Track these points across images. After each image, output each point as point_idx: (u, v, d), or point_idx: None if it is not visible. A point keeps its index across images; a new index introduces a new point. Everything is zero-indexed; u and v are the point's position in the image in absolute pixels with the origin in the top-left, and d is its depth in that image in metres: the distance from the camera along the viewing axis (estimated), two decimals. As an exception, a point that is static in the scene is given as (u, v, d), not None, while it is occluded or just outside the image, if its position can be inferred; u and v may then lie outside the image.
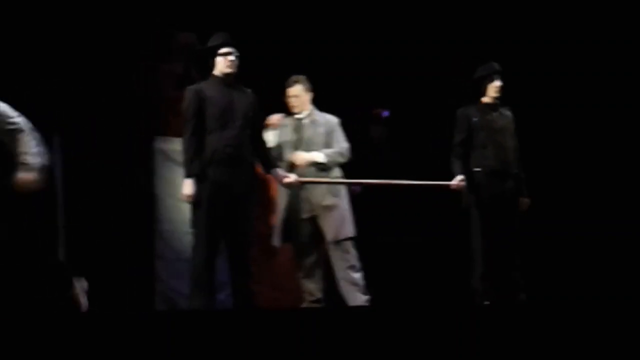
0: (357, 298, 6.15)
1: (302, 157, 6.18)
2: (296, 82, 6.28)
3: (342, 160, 6.27)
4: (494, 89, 6.58)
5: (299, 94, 6.27)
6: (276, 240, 6.27)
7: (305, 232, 6.21)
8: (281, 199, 6.23)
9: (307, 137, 6.23)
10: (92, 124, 6.73)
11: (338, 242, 6.18)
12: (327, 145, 6.25)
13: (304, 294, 6.23)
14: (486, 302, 6.33)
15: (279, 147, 6.24)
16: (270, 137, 6.23)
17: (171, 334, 4.51)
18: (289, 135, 6.26)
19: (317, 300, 6.18)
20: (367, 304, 6.14)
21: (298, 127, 6.26)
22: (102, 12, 6.78)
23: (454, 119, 6.60)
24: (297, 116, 6.28)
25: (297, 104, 6.28)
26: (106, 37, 6.79)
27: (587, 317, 4.96)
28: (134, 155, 6.84)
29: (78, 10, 6.71)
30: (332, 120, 6.34)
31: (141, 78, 6.99)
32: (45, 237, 6.35)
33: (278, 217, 6.24)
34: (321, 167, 6.20)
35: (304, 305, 6.21)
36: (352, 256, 6.21)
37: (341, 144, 6.28)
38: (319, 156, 6.19)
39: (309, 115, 6.28)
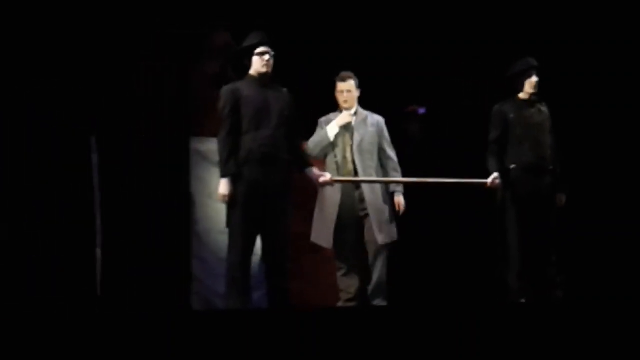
0: (381, 302, 6.16)
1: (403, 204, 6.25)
2: (349, 77, 6.26)
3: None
4: (530, 84, 6.54)
5: (351, 89, 6.27)
6: (325, 241, 6.20)
7: (354, 231, 6.18)
8: (332, 198, 6.18)
9: (359, 136, 6.22)
10: (129, 124, 6.78)
11: (385, 245, 6.17)
12: (378, 146, 6.26)
13: (341, 292, 6.22)
14: (522, 300, 6.30)
15: (333, 144, 6.23)
16: (333, 132, 6.20)
17: (207, 333, 4.54)
18: (339, 133, 6.24)
19: (353, 298, 6.17)
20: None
21: (348, 125, 6.25)
22: (137, 13, 6.81)
23: (489, 116, 6.57)
24: (347, 113, 6.27)
25: (349, 99, 6.25)
26: (140, 38, 6.83)
27: (623, 314, 4.93)
28: (170, 155, 6.88)
29: (116, 11, 6.75)
30: (381, 120, 6.35)
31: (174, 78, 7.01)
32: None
33: (327, 217, 6.18)
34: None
35: (340, 303, 6.20)
36: (386, 260, 6.21)
37: (392, 154, 6.31)
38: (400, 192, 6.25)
39: (357, 113, 6.28)
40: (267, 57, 5.83)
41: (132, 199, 6.66)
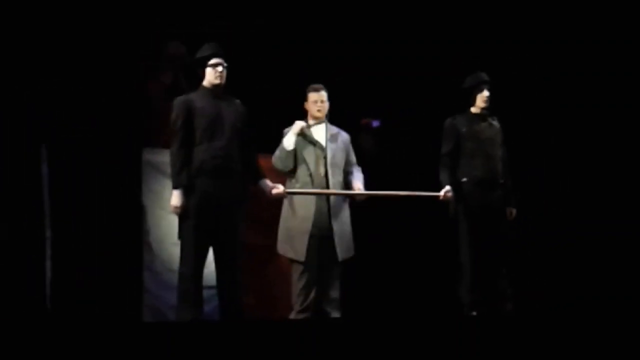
0: (336, 314, 6.14)
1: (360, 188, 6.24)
2: (322, 88, 6.24)
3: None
4: (482, 99, 6.59)
5: (324, 99, 6.24)
6: (297, 253, 6.07)
7: (322, 244, 6.10)
8: (305, 210, 6.09)
9: (331, 151, 6.19)
10: (80, 134, 6.71)
11: (344, 260, 6.16)
12: (345, 161, 6.26)
13: (295, 304, 6.18)
14: (473, 313, 6.33)
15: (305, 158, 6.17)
16: (290, 141, 6.12)
17: (158, 345, 4.51)
18: (308, 145, 6.18)
19: (306, 309, 6.12)
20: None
21: (318, 139, 6.21)
22: (90, 19, 6.75)
23: (442, 129, 6.61)
24: (316, 125, 6.23)
25: (322, 109, 6.22)
26: (94, 44, 6.77)
27: (572, 326, 4.98)
28: (122, 166, 6.82)
29: (66, 18, 6.69)
30: (347, 136, 6.34)
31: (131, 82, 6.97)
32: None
33: (300, 229, 6.07)
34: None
35: (292, 315, 6.17)
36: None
37: (357, 168, 6.32)
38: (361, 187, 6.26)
39: (326, 126, 6.26)
40: (220, 68, 5.83)
41: (83, 210, 6.59)
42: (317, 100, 6.23)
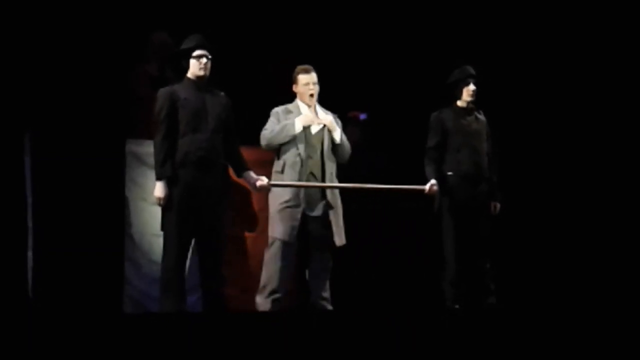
0: (328, 305, 6.12)
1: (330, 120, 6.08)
2: (312, 69, 6.11)
3: (348, 155, 6.20)
4: (468, 92, 6.59)
5: (316, 80, 6.11)
6: (291, 237, 5.99)
7: (313, 227, 6.06)
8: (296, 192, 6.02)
9: (328, 139, 6.12)
10: (64, 124, 6.68)
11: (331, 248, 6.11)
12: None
13: (273, 290, 6.04)
14: (456, 306, 6.34)
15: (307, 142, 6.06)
16: (299, 129, 6.04)
17: (140, 337, 4.51)
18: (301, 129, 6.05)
19: (281, 299, 6.07)
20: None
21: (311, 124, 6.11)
22: (75, 8, 6.72)
23: (428, 123, 6.61)
24: (309, 108, 6.12)
25: (316, 91, 6.08)
26: (78, 34, 6.74)
27: (555, 320, 4.99)
28: (105, 157, 6.79)
29: (50, 8, 6.65)
30: (334, 116, 6.26)
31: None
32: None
33: (292, 215, 6.00)
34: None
35: (266, 301, 6.03)
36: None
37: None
38: (338, 134, 6.10)
39: (315, 109, 6.17)
40: (204, 60, 5.82)
41: (65, 200, 6.56)
42: (309, 82, 6.11)
